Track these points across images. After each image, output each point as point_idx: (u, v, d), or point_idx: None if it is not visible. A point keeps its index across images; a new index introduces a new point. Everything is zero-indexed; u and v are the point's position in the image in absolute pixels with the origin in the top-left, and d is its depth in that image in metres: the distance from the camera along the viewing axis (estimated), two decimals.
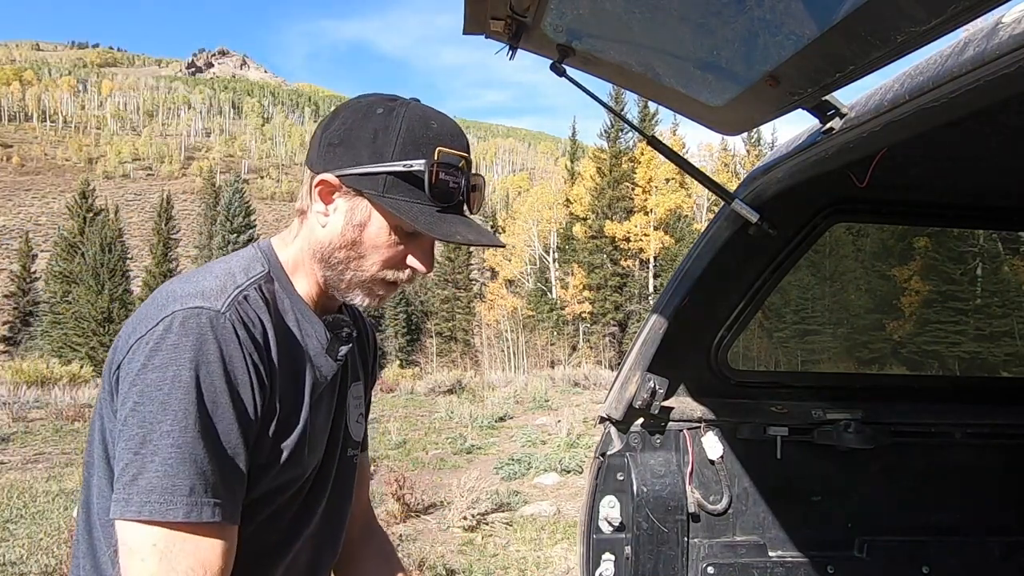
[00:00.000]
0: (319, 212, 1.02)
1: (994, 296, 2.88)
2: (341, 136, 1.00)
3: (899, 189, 1.96)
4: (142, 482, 0.85)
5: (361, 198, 0.99)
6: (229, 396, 0.90)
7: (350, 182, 0.99)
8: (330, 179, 0.99)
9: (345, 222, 1.01)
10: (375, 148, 0.97)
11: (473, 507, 6.22)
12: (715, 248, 1.85)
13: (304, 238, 1.06)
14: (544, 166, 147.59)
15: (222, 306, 0.93)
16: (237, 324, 0.92)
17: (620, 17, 1.31)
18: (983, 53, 0.96)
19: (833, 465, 2.06)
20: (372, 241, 1.01)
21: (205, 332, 0.90)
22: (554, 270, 45.64)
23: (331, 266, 1.04)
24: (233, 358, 0.91)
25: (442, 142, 0.98)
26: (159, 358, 0.88)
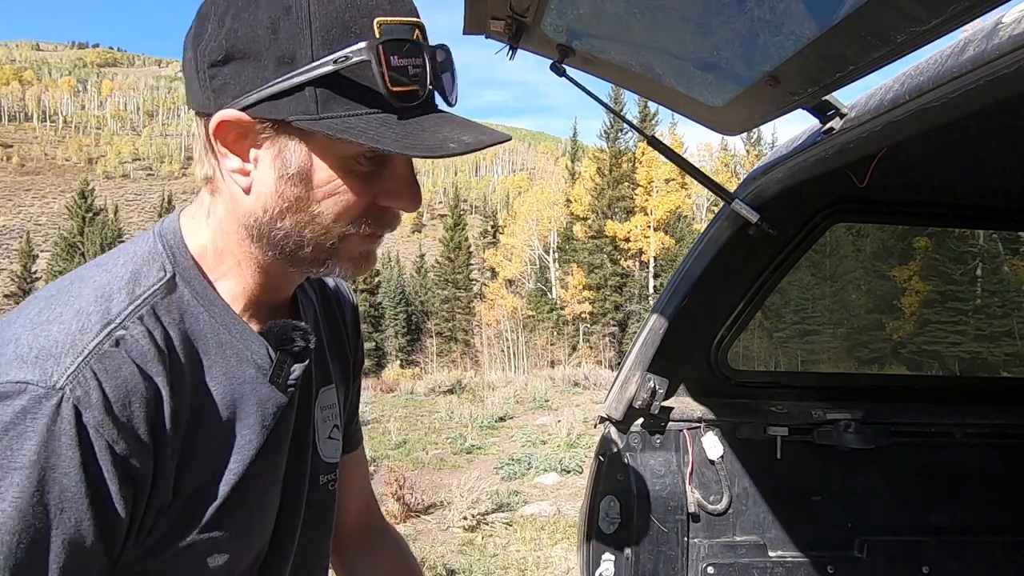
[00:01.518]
0: (233, 172, 0.70)
1: (994, 296, 2.88)
2: (224, 46, 0.65)
3: (899, 189, 1.96)
4: None
5: (288, 134, 0.67)
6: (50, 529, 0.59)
7: (262, 113, 0.66)
8: (231, 117, 0.67)
9: (277, 176, 0.69)
10: (281, 48, 0.64)
11: (473, 507, 6.22)
12: (715, 248, 1.85)
13: (224, 214, 0.74)
14: (544, 166, 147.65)
15: (60, 377, 0.60)
16: (85, 403, 0.60)
17: (620, 17, 1.31)
18: (983, 53, 0.96)
19: (833, 465, 2.06)
20: (325, 191, 0.69)
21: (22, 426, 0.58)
22: (554, 270, 45.65)
23: (278, 243, 0.72)
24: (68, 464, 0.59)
25: (379, 8, 0.65)
26: None
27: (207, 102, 0.69)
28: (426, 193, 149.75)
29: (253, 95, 0.66)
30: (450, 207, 55.30)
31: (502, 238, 50.94)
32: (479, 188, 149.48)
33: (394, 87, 0.65)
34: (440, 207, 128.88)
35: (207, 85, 0.68)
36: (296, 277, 0.82)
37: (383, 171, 0.71)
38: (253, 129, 0.68)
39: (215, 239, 0.75)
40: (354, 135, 0.64)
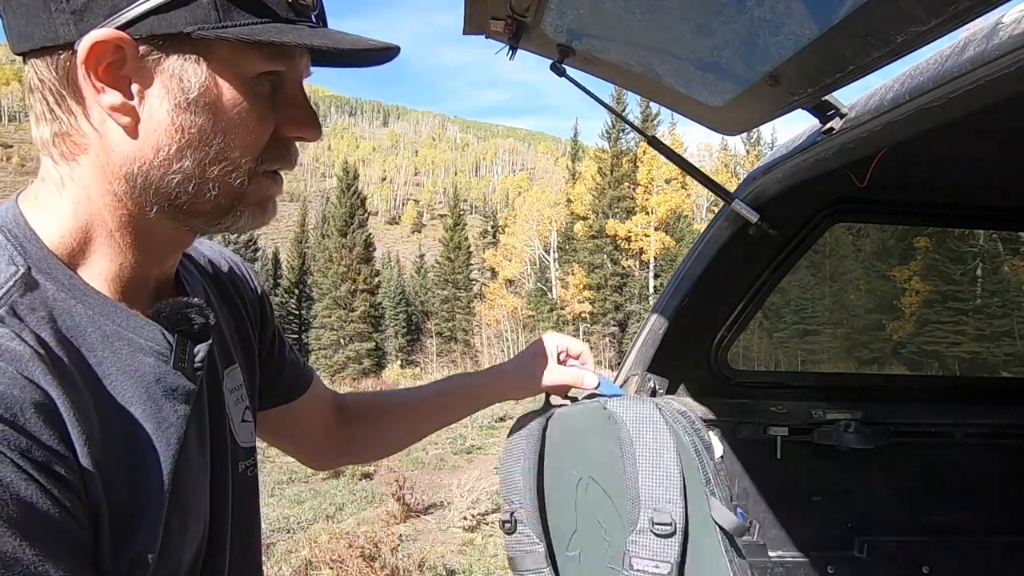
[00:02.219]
0: (113, 110, 0.58)
1: (994, 296, 2.88)
2: None
3: (899, 189, 1.97)
4: None
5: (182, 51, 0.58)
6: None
7: (150, 29, 0.56)
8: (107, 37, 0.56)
9: (173, 105, 0.59)
10: None
11: (473, 507, 6.23)
12: (715, 248, 1.85)
13: (90, 176, 0.61)
14: (544, 166, 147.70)
15: None
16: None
17: (620, 17, 1.31)
18: (983, 53, 0.96)
19: (833, 465, 2.06)
20: (231, 116, 0.61)
21: None
22: (554, 270, 45.66)
23: (173, 191, 0.61)
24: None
25: None
26: None
27: (64, 30, 0.56)
28: (426, 193, 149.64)
29: (133, 9, 0.55)
30: (450, 207, 55.31)
31: (502, 238, 50.95)
32: (479, 188, 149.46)
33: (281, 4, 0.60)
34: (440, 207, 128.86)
35: (62, 6, 0.56)
36: (185, 242, 0.70)
37: (280, 96, 0.65)
38: (136, 52, 0.57)
39: (77, 212, 0.62)
40: (272, 36, 0.57)
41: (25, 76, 0.60)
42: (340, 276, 40.47)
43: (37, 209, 0.62)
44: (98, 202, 0.62)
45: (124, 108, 0.58)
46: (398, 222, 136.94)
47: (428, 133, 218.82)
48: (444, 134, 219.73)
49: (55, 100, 0.59)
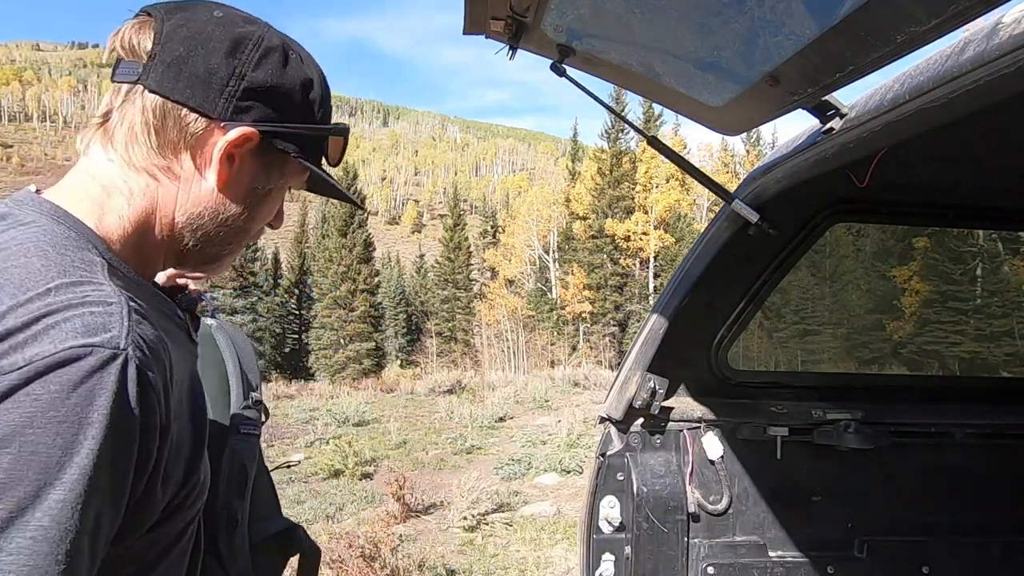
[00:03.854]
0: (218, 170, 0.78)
1: (994, 296, 2.88)
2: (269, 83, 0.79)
3: (899, 189, 1.96)
4: None
5: (276, 160, 0.82)
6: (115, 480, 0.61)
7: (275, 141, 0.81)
8: (254, 135, 0.78)
9: (250, 185, 0.82)
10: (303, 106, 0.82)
11: (473, 507, 6.22)
12: (715, 248, 1.85)
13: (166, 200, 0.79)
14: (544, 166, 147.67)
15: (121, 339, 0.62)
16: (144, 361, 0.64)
17: (620, 17, 1.31)
18: (983, 53, 0.96)
19: (833, 465, 2.06)
20: (270, 204, 0.86)
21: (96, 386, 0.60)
22: (554, 270, 45.66)
23: (209, 234, 0.81)
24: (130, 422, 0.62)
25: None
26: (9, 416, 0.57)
27: (222, 109, 0.77)
28: (426, 193, 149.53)
29: (268, 126, 0.80)
30: (450, 207, 55.31)
31: (502, 238, 50.94)
32: (479, 188, 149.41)
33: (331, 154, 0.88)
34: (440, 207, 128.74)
35: (231, 99, 0.78)
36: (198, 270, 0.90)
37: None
38: (256, 147, 0.80)
39: (138, 221, 0.78)
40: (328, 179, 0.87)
41: (146, 106, 0.75)
42: (340, 276, 40.46)
43: (96, 210, 0.76)
44: (157, 219, 0.79)
45: (224, 173, 0.79)
46: (398, 222, 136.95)
47: (428, 133, 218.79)
48: (444, 134, 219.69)
49: (170, 140, 0.77)
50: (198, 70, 0.75)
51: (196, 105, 0.76)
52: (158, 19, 0.77)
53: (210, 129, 0.77)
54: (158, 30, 0.76)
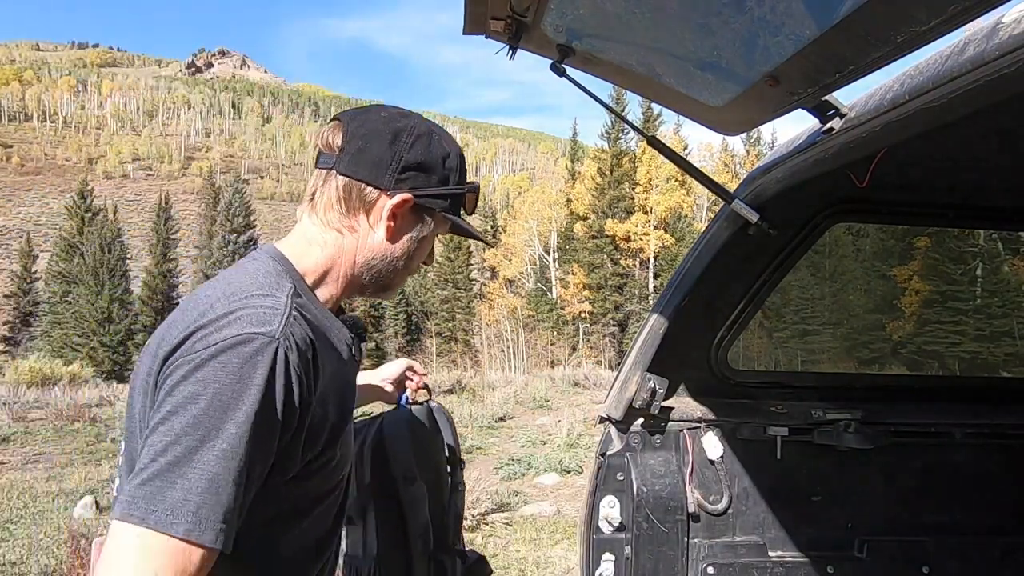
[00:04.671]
0: (386, 226, 1.11)
1: (994, 296, 2.88)
2: (420, 160, 1.12)
3: (899, 189, 1.96)
4: (153, 488, 0.83)
5: (428, 215, 1.15)
6: (267, 426, 0.90)
7: (425, 202, 1.13)
8: (410, 199, 1.11)
9: (409, 235, 1.14)
10: (443, 174, 1.14)
11: (473, 507, 6.22)
12: (715, 248, 1.85)
13: (348, 249, 1.12)
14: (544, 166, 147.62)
15: (277, 332, 0.93)
16: (290, 350, 0.93)
17: (620, 17, 1.31)
18: (983, 53, 0.96)
19: (833, 465, 2.06)
20: (423, 248, 1.18)
21: (258, 359, 0.90)
22: (554, 270, 45.65)
23: (382, 272, 1.15)
24: (279, 387, 0.91)
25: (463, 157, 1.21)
26: (206, 373, 0.88)
27: (387, 182, 1.10)
28: None
29: (422, 191, 1.12)
30: None
31: (502, 238, 50.93)
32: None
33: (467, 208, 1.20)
34: None
35: (394, 174, 1.10)
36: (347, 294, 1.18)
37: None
38: (413, 208, 1.12)
39: (323, 264, 1.12)
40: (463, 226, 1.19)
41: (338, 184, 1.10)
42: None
43: (299, 254, 1.11)
44: (343, 262, 1.13)
45: (390, 228, 1.12)
46: None
47: None
48: None
49: (353, 206, 1.10)
50: (372, 157, 1.09)
51: (371, 181, 1.09)
52: (344, 123, 1.11)
53: (380, 196, 1.09)
54: (344, 131, 1.10)
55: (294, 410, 0.94)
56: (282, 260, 1.09)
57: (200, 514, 0.83)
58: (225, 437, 0.86)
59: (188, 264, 57.02)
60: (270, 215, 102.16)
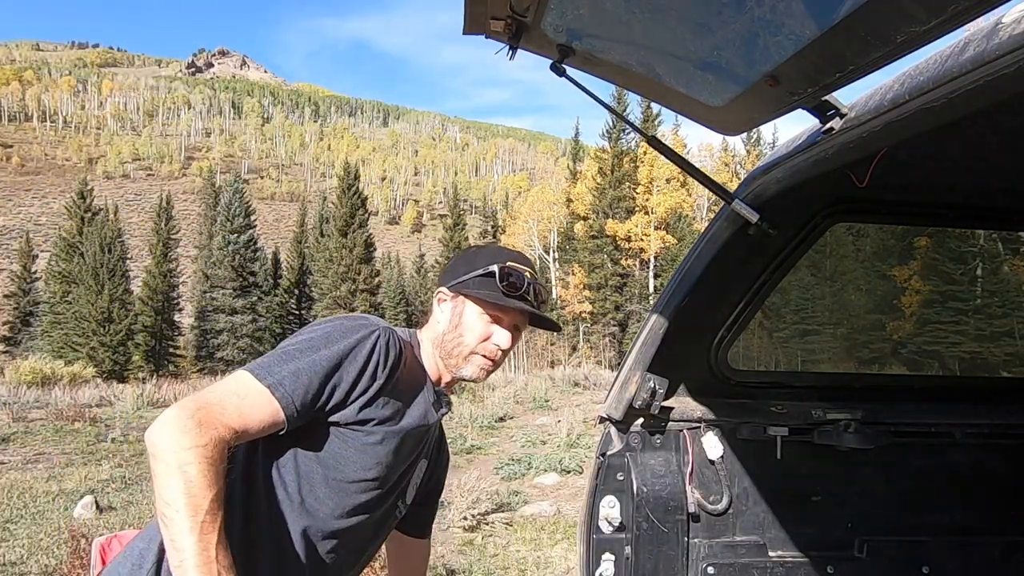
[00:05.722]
0: (438, 313, 1.50)
1: (994, 296, 2.88)
2: (450, 266, 1.53)
3: (899, 189, 1.96)
4: (267, 360, 1.28)
5: (460, 297, 1.46)
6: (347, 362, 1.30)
7: (455, 288, 1.47)
8: (444, 290, 1.50)
9: (451, 315, 1.47)
10: (467, 264, 1.48)
11: (473, 507, 6.22)
12: (715, 248, 1.85)
13: (429, 333, 1.52)
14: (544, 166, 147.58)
15: (382, 326, 1.39)
16: (381, 338, 1.36)
17: (620, 17, 1.31)
18: (983, 53, 0.96)
19: (833, 465, 2.06)
20: (468, 324, 1.45)
21: (361, 328, 1.35)
22: (554, 270, 45.63)
23: (444, 347, 1.47)
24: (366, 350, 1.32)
25: (512, 259, 1.48)
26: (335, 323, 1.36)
27: (439, 285, 1.53)
28: (426, 193, 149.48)
29: (452, 281, 1.48)
30: (450, 207, 55.24)
31: (502, 238, 50.89)
32: (479, 188, 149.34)
33: (502, 283, 1.43)
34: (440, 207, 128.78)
35: (441, 278, 1.54)
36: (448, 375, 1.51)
37: (498, 324, 1.46)
38: (449, 295, 1.49)
39: (425, 339, 1.53)
40: (481, 295, 1.44)
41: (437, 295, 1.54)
42: (340, 276, 40.46)
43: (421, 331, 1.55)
44: (429, 345, 1.52)
45: (440, 312, 1.50)
46: (398, 222, 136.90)
47: (428, 133, 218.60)
48: (444, 134, 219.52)
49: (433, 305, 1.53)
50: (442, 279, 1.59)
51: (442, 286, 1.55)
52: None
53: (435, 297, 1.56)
54: None
55: (363, 370, 1.31)
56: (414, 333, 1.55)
57: (284, 383, 1.23)
58: (321, 354, 1.28)
59: (188, 264, 57.01)
60: (270, 215, 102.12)
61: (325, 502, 1.35)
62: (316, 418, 1.30)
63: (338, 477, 1.35)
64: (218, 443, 1.13)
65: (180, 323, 45.58)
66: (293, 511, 1.33)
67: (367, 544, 1.50)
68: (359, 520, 1.40)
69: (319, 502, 1.34)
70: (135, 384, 18.79)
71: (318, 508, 1.35)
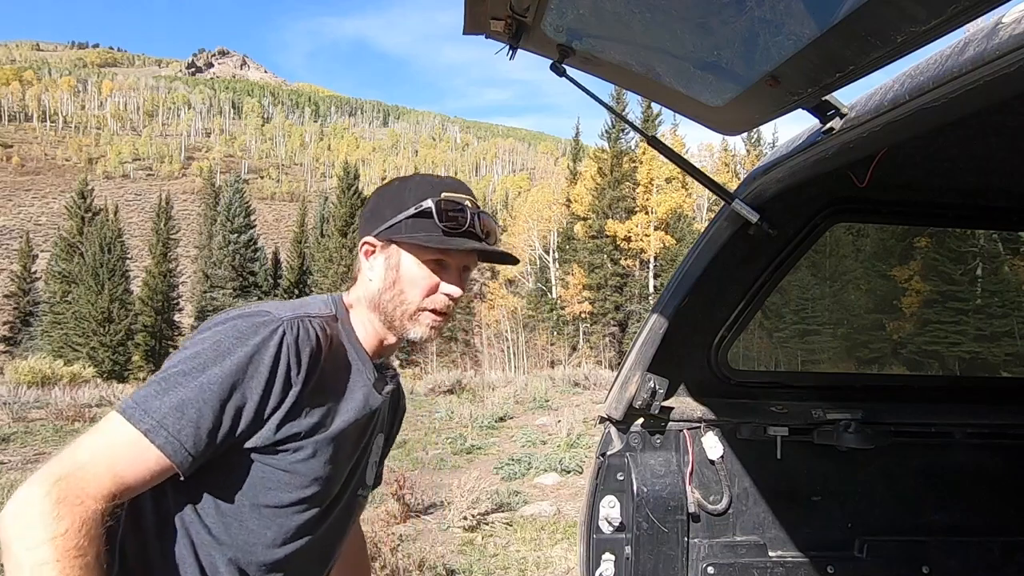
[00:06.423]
0: (367, 269, 1.27)
1: (994, 296, 2.88)
2: (371, 209, 1.27)
3: (899, 189, 1.96)
4: (143, 393, 1.04)
5: (393, 245, 1.23)
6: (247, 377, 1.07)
7: (383, 236, 1.23)
8: (369, 240, 1.25)
9: (385, 268, 1.24)
10: (395, 204, 1.23)
11: (473, 507, 6.22)
12: (715, 248, 1.85)
13: (360, 294, 1.28)
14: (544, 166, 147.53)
15: (284, 318, 1.14)
16: (288, 335, 1.12)
17: (620, 17, 1.31)
18: (983, 53, 0.96)
19: (833, 465, 2.06)
20: (409, 277, 1.22)
21: (258, 329, 1.10)
22: (554, 270, 45.63)
23: (383, 309, 1.25)
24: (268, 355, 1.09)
25: (447, 188, 1.23)
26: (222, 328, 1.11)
27: (361, 235, 1.28)
28: None
29: (379, 228, 1.24)
30: None
31: (503, 238, 50.90)
32: (479, 188, 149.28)
33: (442, 220, 1.19)
34: None
35: (362, 227, 1.28)
36: (393, 342, 1.30)
37: (444, 271, 1.24)
38: (377, 246, 1.25)
39: (355, 305, 1.29)
40: (419, 240, 1.20)
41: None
42: (340, 276, 40.44)
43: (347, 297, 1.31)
44: (362, 308, 1.29)
45: (369, 268, 1.27)
46: None
47: (428, 133, 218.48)
48: (444, 134, 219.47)
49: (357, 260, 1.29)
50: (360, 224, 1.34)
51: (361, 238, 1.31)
52: None
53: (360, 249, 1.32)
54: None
55: (272, 382, 1.09)
56: (338, 299, 1.30)
57: (165, 423, 1.01)
58: (211, 374, 1.05)
59: (188, 264, 56.99)
60: (270, 215, 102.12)
61: (261, 534, 1.16)
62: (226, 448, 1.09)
63: (270, 504, 1.15)
64: (86, 522, 0.92)
65: (180, 323, 45.54)
66: (224, 554, 1.14)
67: (331, 548, 1.34)
68: (307, 541, 1.22)
69: (253, 535, 1.16)
70: (135, 384, 18.79)
71: (253, 543, 1.16)
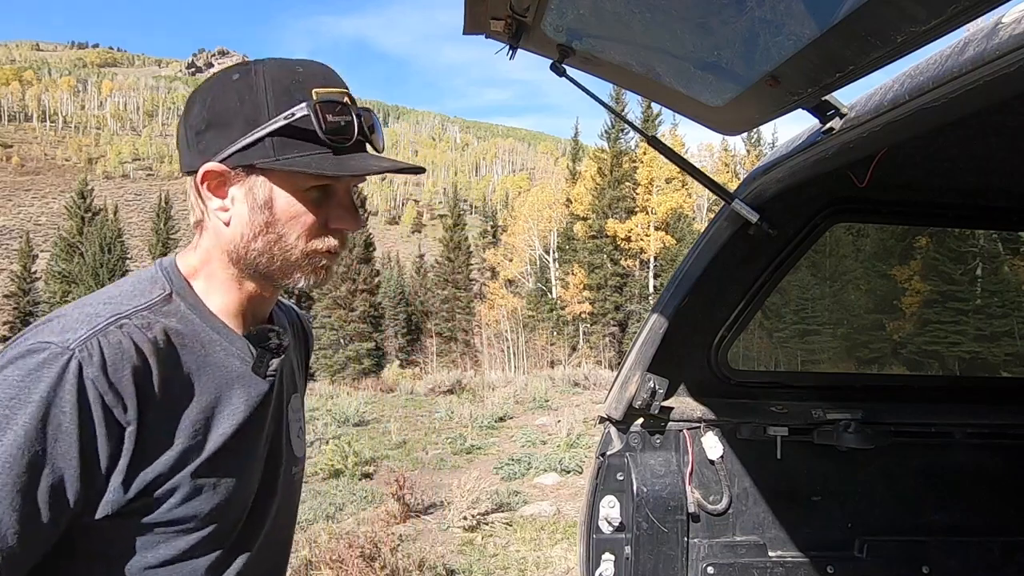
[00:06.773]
0: (217, 210, 0.90)
1: (994, 296, 2.88)
2: (206, 119, 0.88)
3: (899, 189, 1.96)
4: None
5: (255, 174, 0.88)
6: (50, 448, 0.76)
7: (236, 162, 0.87)
8: (214, 168, 0.88)
9: (249, 208, 0.89)
10: (247, 114, 0.86)
11: (473, 507, 6.22)
12: (715, 248, 1.85)
13: (209, 247, 0.94)
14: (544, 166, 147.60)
15: (73, 342, 0.79)
16: (88, 362, 0.78)
17: (620, 17, 1.31)
18: (983, 53, 0.96)
19: (833, 465, 2.06)
20: (286, 215, 0.89)
21: (32, 376, 0.76)
22: (554, 270, 45.63)
23: (253, 262, 0.91)
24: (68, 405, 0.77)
25: (316, 82, 0.87)
26: None
27: (194, 161, 0.90)
28: (426, 193, 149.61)
29: (228, 150, 0.87)
30: (450, 207, 55.25)
31: (502, 238, 50.93)
32: (479, 188, 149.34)
33: (328, 134, 0.86)
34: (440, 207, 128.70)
35: (194, 148, 0.90)
36: (271, 294, 1.00)
37: (330, 199, 0.93)
38: (229, 175, 0.89)
39: (202, 267, 0.95)
40: (299, 167, 0.87)
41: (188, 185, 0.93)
42: (340, 276, 40.44)
43: (184, 258, 0.96)
44: (216, 262, 0.94)
45: (222, 209, 0.91)
46: (398, 222, 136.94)
47: (428, 133, 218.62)
48: (444, 134, 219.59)
49: (195, 200, 0.93)
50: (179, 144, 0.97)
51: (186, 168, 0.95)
52: None
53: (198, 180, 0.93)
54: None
55: (90, 433, 0.78)
56: (169, 267, 0.94)
57: None
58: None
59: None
60: None
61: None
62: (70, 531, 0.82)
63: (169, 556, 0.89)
64: None
65: None
66: None
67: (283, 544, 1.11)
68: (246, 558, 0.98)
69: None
70: None
71: None
